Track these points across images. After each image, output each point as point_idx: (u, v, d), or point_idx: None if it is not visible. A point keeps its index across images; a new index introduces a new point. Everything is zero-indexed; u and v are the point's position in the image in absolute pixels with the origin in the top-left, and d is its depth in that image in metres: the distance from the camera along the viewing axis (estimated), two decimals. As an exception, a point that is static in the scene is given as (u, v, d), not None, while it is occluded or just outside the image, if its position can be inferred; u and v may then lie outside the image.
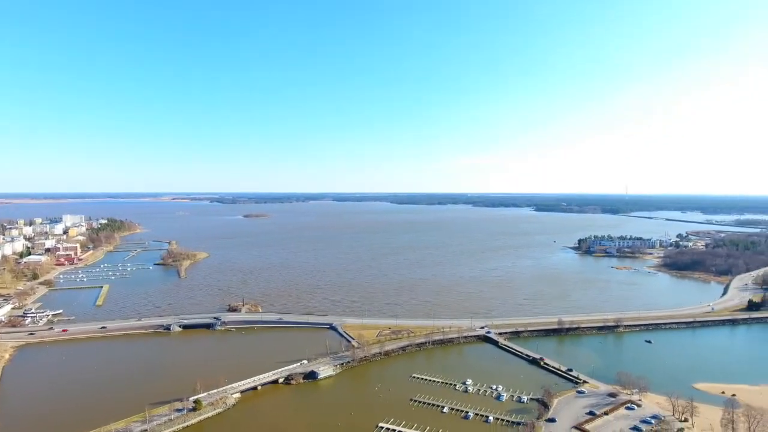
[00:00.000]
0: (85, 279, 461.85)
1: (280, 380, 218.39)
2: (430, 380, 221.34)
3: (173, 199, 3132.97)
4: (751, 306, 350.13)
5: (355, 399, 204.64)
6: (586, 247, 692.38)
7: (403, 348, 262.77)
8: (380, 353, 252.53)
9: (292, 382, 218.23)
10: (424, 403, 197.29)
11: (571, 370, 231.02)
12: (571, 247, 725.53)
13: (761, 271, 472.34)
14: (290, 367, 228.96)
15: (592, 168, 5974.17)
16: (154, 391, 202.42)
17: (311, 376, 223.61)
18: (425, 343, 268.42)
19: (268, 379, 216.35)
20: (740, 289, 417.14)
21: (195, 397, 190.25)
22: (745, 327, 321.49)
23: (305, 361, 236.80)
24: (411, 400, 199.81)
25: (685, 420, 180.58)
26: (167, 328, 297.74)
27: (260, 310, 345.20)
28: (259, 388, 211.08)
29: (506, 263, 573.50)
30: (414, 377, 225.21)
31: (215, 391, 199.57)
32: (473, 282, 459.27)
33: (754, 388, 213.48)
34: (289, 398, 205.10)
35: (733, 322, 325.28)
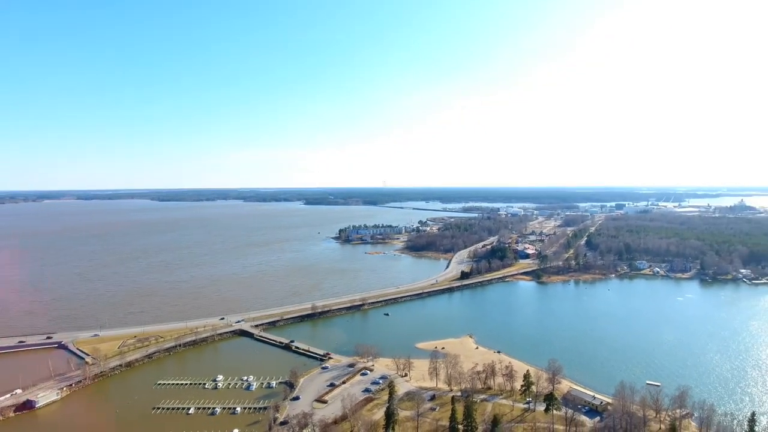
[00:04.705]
0: None
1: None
2: (177, 384, 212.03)
3: None
4: (463, 275, 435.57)
5: (84, 422, 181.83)
6: (345, 237, 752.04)
7: (149, 356, 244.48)
8: (121, 365, 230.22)
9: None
10: (168, 408, 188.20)
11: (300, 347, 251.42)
12: (332, 237, 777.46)
13: (473, 248, 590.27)
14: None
15: (358, 164, 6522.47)
16: None
17: (27, 406, 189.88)
18: (175, 346, 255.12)
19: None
20: (458, 263, 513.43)
21: None
22: (459, 293, 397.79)
23: (19, 391, 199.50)
24: (154, 408, 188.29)
25: (405, 375, 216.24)
26: None
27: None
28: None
29: (270, 257, 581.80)
30: (160, 384, 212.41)
31: None
32: (234, 279, 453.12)
33: (456, 340, 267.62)
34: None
35: (450, 290, 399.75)
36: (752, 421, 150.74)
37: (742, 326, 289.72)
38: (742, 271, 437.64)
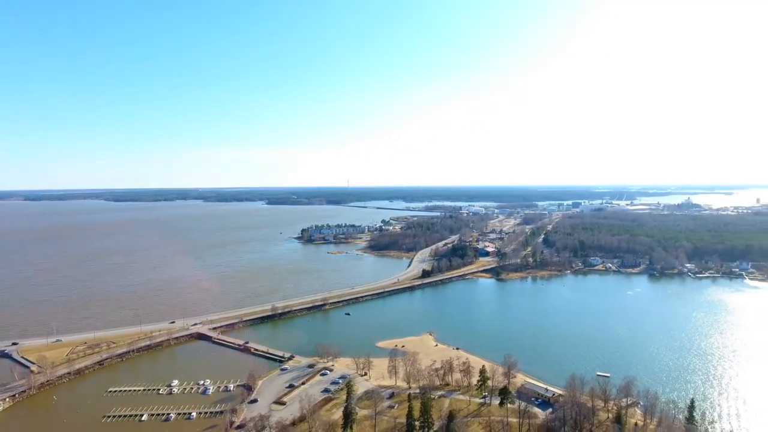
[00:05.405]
0: None
1: None
2: (130, 391, 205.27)
3: None
4: (425, 274, 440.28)
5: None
6: (307, 237, 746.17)
7: (100, 362, 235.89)
8: (70, 373, 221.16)
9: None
10: (120, 416, 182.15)
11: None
12: (295, 238, 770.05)
13: (434, 246, 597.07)
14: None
15: (322, 165, 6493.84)
16: None
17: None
18: (128, 352, 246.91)
19: None
20: (420, 262, 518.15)
21: None
22: (420, 291, 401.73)
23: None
24: (104, 417, 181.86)
25: (365, 374, 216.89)
26: None
27: None
28: None
29: (230, 259, 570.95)
30: (111, 392, 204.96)
31: None
32: (192, 281, 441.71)
33: (416, 338, 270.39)
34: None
35: (412, 289, 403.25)
36: (691, 408, 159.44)
37: (686, 318, 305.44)
38: (687, 265, 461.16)
